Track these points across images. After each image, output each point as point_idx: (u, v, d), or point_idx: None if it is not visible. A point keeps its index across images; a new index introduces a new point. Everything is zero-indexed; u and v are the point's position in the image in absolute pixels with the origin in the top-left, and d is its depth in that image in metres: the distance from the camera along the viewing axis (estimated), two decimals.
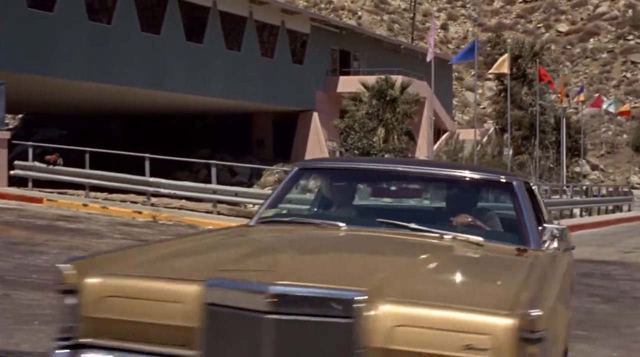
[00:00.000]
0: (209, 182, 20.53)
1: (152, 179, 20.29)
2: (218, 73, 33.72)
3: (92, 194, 20.94)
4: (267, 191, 27.28)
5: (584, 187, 38.37)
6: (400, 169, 5.48)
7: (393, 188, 6.07)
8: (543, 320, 2.98)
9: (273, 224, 4.97)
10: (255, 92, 35.85)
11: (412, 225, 4.51)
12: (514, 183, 4.94)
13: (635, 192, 43.06)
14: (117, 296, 3.39)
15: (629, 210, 37.90)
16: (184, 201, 21.34)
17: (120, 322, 3.37)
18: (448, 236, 4.39)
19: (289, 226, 4.82)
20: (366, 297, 3.08)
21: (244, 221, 14.64)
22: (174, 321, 3.30)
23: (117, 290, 3.40)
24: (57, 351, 3.42)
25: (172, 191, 20.44)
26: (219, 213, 19.29)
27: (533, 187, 5.49)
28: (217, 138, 39.78)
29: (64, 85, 28.34)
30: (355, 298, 3.07)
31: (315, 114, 39.14)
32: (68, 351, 3.39)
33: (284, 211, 5.53)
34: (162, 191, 20.31)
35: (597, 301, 9.80)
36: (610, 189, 39.55)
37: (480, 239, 4.40)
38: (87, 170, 21.09)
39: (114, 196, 21.33)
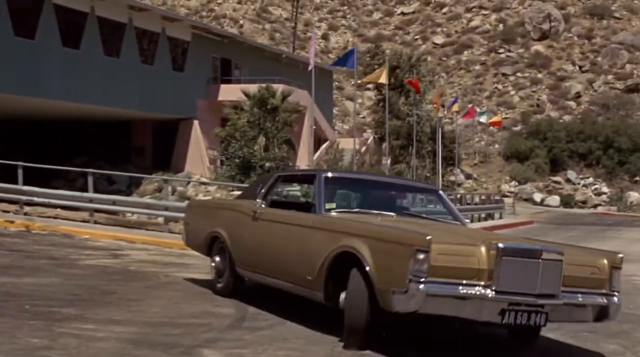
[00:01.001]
0: (86, 191, 20.07)
1: (25, 188, 19.66)
2: (95, 79, 33.03)
3: None
4: (147, 199, 26.88)
5: (459, 196, 39.49)
6: (383, 181, 10.40)
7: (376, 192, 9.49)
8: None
9: (350, 213, 8.42)
10: (134, 100, 35.30)
11: (423, 214, 9.52)
12: (440, 191, 9.96)
13: (506, 200, 44.67)
14: (445, 254, 6.72)
15: (500, 217, 39.25)
16: (59, 209, 20.77)
17: (446, 268, 6.67)
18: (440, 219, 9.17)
19: (363, 215, 8.33)
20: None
21: (123, 229, 14.32)
22: (474, 265, 6.73)
23: (444, 250, 6.74)
24: (420, 286, 6.56)
25: (47, 200, 19.87)
26: (96, 222, 18.88)
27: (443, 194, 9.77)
28: (94, 146, 38.92)
29: None
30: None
31: (196, 122, 38.85)
32: (424, 285, 6.55)
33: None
34: (36, 199, 19.72)
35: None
36: (483, 198, 40.86)
37: (457, 221, 8.91)
38: None
39: None
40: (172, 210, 18.67)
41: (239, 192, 28.30)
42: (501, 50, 77.54)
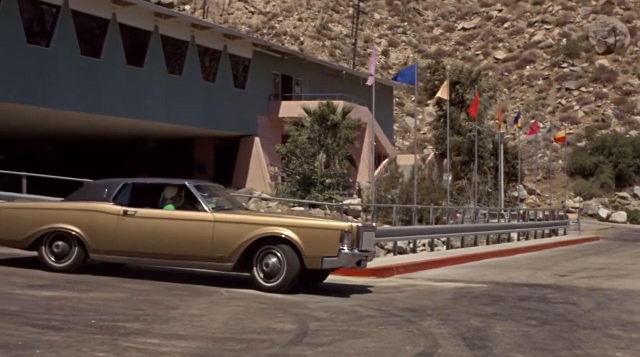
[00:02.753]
0: None
1: None
2: (159, 97, 33.56)
3: None
4: None
5: (521, 211, 39.01)
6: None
7: None
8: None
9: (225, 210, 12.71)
10: (196, 117, 35.75)
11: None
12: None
13: (570, 216, 43.94)
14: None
15: (565, 233, 38.64)
16: None
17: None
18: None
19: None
20: None
21: None
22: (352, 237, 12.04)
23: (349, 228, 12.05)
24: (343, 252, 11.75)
25: None
26: None
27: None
28: (157, 162, 39.48)
29: (0, 109, 27.88)
30: None
31: (257, 139, 39.14)
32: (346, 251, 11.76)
33: None
34: None
35: (533, 324, 9.98)
36: (547, 213, 40.29)
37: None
38: (24, 195, 20.72)
39: None
40: None
41: (300, 208, 28.40)
42: (564, 65, 76.50)
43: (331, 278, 13.76)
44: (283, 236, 11.62)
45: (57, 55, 28.56)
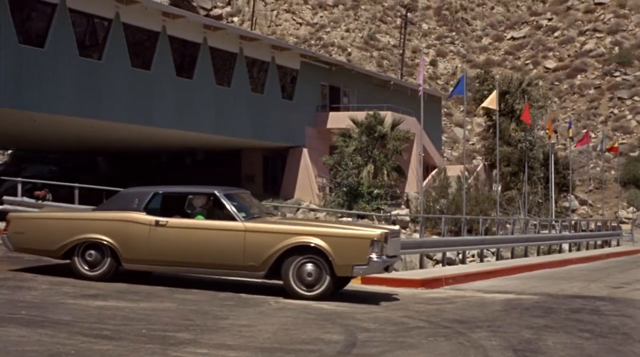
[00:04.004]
0: None
1: None
2: (208, 109, 33.85)
3: None
4: None
5: (573, 222, 38.48)
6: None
7: None
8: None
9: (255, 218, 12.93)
10: (244, 128, 35.97)
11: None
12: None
13: (623, 226, 43.19)
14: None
15: (618, 245, 38.01)
16: None
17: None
18: None
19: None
20: None
21: None
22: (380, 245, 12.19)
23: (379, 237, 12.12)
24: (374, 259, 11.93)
25: None
26: None
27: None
28: (206, 173, 39.80)
29: (54, 121, 28.37)
30: None
31: (305, 150, 39.23)
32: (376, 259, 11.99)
33: None
34: None
35: (587, 337, 9.81)
36: (599, 224, 39.68)
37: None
38: (76, 206, 21.05)
39: None
40: None
41: (349, 219, 28.38)
42: (617, 74, 75.41)
43: (376, 289, 13.70)
44: (313, 245, 11.76)
45: (108, 67, 29.01)
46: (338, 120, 39.45)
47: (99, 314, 9.44)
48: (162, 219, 12.22)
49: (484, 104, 32.29)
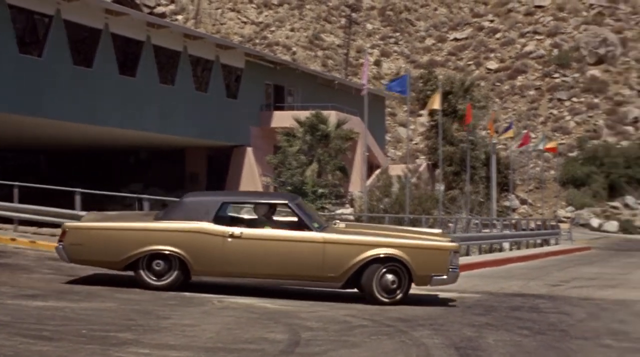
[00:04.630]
0: None
1: (82, 213, 19.96)
2: (151, 107, 33.56)
3: (21, 228, 20.54)
4: None
5: (513, 221, 39.05)
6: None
7: None
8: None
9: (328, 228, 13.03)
10: (188, 127, 35.75)
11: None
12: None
13: (562, 226, 44.00)
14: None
15: (556, 243, 38.69)
16: None
17: None
18: None
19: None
20: None
21: None
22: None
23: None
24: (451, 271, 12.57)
25: None
26: None
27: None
28: (150, 172, 39.45)
29: None
30: None
31: (249, 149, 39.15)
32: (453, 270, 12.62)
33: None
34: None
35: (526, 334, 9.98)
36: (539, 223, 40.35)
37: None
38: (16, 205, 20.69)
39: (44, 230, 20.93)
40: None
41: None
42: (556, 75, 76.77)
43: (320, 289, 13.71)
44: (396, 256, 12.11)
45: (49, 65, 28.55)
46: (282, 119, 39.45)
47: (38, 314, 9.30)
48: (236, 231, 12.01)
49: (429, 106, 32.61)
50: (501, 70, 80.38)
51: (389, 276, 12.16)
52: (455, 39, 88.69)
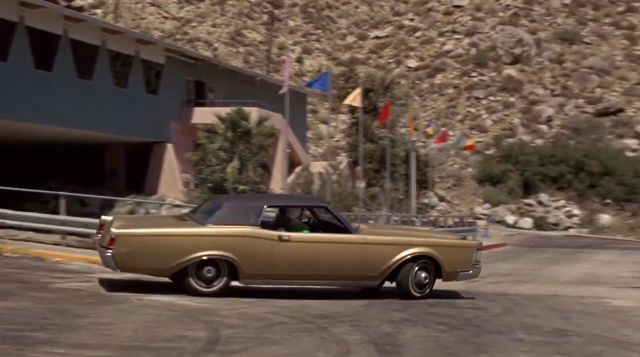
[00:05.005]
0: (58, 213, 19.93)
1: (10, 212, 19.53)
2: (68, 102, 32.90)
3: None
4: None
5: (432, 218, 39.65)
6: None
7: None
8: None
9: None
10: (107, 122, 35.19)
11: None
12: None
13: (479, 222, 44.88)
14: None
15: (474, 240, 39.39)
16: (31, 232, 20.58)
17: None
18: None
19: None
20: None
21: (96, 252, 14.14)
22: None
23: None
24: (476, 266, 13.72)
25: (19, 222, 19.71)
26: (68, 245, 18.72)
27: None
28: (67, 169, 38.68)
29: None
30: None
31: (170, 146, 38.76)
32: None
33: None
34: (8, 222, 19.56)
35: (443, 330, 10.17)
36: (456, 220, 41.07)
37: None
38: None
39: None
40: None
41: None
42: (474, 74, 78.20)
43: (239, 285, 13.70)
44: (430, 255, 13.02)
45: None
46: (203, 115, 39.16)
47: None
48: (284, 234, 12.32)
49: (347, 101, 32.80)
50: (421, 69, 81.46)
51: (422, 273, 13.02)
52: (376, 37, 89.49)
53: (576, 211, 58.45)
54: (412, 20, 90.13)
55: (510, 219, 57.12)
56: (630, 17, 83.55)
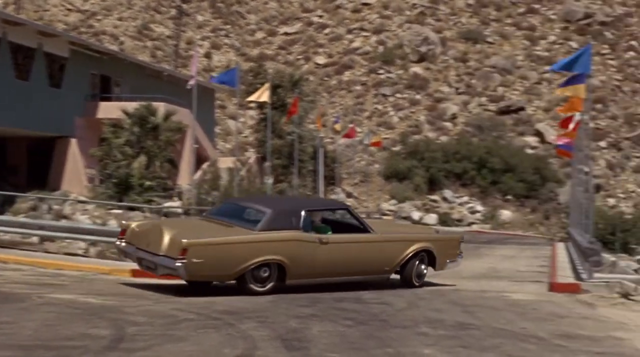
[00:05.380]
0: None
1: None
2: None
3: None
4: (21, 218, 26.03)
5: None
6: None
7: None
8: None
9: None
10: (8, 116, 34.20)
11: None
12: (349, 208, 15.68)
13: (385, 218, 45.46)
14: None
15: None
16: None
17: None
18: None
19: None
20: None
21: None
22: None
23: None
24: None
25: None
26: None
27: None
28: None
29: None
30: None
31: (74, 141, 37.95)
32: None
33: None
34: None
35: (349, 325, 10.30)
36: (363, 216, 41.47)
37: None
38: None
39: None
40: (48, 229, 18.18)
41: (119, 211, 27.79)
42: (381, 72, 79.13)
43: (147, 281, 13.58)
44: (429, 249, 15.20)
45: None
46: (109, 110, 38.47)
47: None
48: (324, 237, 13.85)
49: (253, 97, 32.73)
50: (329, 66, 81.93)
51: (422, 265, 15.20)
52: (285, 33, 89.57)
53: (479, 207, 59.79)
54: (321, 17, 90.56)
55: (416, 215, 58.03)
56: (531, 18, 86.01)
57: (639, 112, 71.80)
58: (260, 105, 46.61)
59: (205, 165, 43.65)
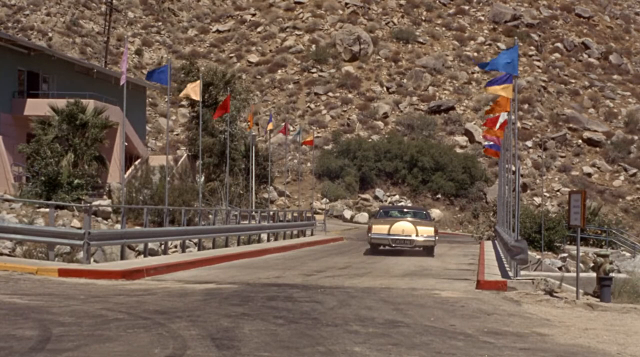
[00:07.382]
0: None
1: None
2: None
3: None
4: None
5: (272, 213, 39.95)
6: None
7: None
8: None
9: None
10: None
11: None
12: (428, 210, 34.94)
13: (317, 217, 45.64)
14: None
15: (312, 234, 40.07)
16: None
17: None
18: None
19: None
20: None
21: None
22: None
23: None
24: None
25: None
26: None
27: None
28: None
29: None
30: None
31: (0, 138, 37.12)
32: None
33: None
34: None
35: (280, 323, 10.33)
36: (295, 215, 41.59)
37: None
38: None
39: None
40: None
41: (47, 210, 27.24)
42: (314, 70, 79.35)
43: (74, 281, 13.39)
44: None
45: None
46: (37, 107, 37.73)
47: None
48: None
49: (183, 93, 32.41)
50: (262, 64, 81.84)
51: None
52: (218, 31, 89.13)
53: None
54: (253, 15, 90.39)
55: (348, 213, 58.43)
56: (460, 19, 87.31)
57: (564, 112, 73.51)
58: (192, 103, 46.28)
59: (136, 163, 43.16)
